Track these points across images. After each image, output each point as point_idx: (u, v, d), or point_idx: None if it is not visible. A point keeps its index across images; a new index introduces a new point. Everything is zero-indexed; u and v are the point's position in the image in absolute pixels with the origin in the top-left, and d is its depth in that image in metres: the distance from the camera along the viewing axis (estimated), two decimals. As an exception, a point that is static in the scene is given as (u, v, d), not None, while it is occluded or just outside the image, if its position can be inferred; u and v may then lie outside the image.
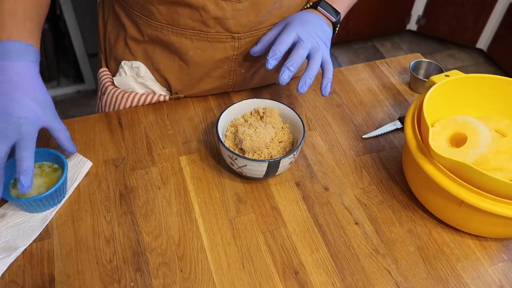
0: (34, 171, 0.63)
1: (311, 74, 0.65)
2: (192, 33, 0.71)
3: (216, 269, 0.59)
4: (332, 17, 0.73)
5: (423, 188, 0.64)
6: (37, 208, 0.62)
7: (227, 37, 0.72)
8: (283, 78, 0.64)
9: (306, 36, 0.67)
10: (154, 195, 0.66)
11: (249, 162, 0.63)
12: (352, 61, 2.39)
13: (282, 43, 0.66)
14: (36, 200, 0.60)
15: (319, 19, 0.72)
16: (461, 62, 2.42)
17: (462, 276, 0.60)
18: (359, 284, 0.58)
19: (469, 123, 0.61)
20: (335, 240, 0.63)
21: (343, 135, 0.78)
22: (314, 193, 0.68)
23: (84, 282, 0.57)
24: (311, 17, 0.71)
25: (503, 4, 2.20)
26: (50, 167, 0.65)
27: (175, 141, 0.74)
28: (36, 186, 0.63)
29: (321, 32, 0.70)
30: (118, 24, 0.77)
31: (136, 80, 0.79)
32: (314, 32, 0.68)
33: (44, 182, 0.63)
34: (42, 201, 0.61)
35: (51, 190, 0.60)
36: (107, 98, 0.81)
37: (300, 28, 0.68)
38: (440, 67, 0.87)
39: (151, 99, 0.80)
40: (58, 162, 0.65)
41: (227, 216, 0.65)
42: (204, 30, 0.70)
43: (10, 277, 0.57)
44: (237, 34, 0.72)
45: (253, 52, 0.72)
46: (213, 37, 0.71)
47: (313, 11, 0.73)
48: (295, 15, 0.72)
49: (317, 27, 0.70)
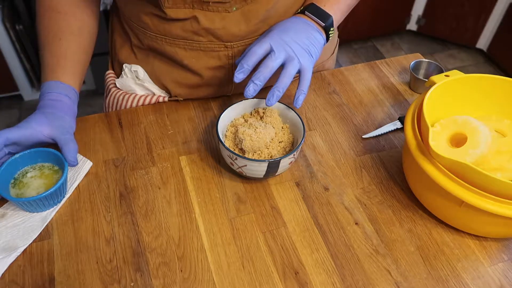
0: (34, 172, 0.64)
1: (280, 86, 0.63)
2: (185, 42, 0.71)
3: (216, 269, 0.59)
4: (320, 22, 0.69)
5: (423, 188, 0.64)
6: (37, 208, 0.62)
7: (219, 46, 0.72)
8: (249, 92, 0.62)
9: (279, 47, 0.63)
10: (154, 195, 0.66)
11: (249, 162, 0.63)
12: (352, 61, 2.39)
13: (252, 56, 0.63)
14: (36, 200, 0.60)
15: (307, 25, 0.67)
16: (461, 62, 2.42)
17: (462, 276, 0.60)
18: (359, 284, 0.58)
19: (469, 123, 0.61)
20: (335, 240, 0.63)
21: (343, 135, 0.78)
22: (314, 193, 0.68)
23: (84, 282, 0.57)
24: (296, 23, 0.67)
25: (503, 4, 2.20)
26: (50, 169, 0.65)
27: (175, 141, 0.74)
28: (35, 187, 0.63)
29: (305, 39, 0.66)
30: (123, 32, 0.79)
31: (136, 82, 0.80)
32: (293, 40, 0.64)
33: (44, 183, 0.63)
34: (42, 201, 0.61)
35: (50, 191, 0.60)
36: (110, 99, 0.83)
37: (277, 37, 0.64)
38: (440, 67, 0.87)
39: (150, 100, 0.81)
40: (58, 163, 0.65)
41: (227, 216, 0.65)
42: (196, 40, 0.71)
43: (10, 277, 0.57)
44: (229, 43, 0.72)
45: (237, 62, 0.69)
46: (206, 46, 0.72)
47: (302, 16, 0.69)
48: (279, 23, 0.68)
49: (300, 34, 0.66)
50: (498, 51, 2.33)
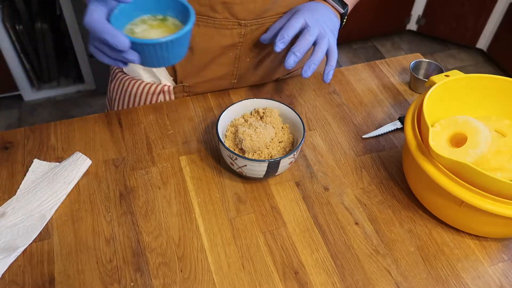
0: (154, 23, 0.57)
1: (316, 60, 0.66)
2: (199, 18, 0.72)
3: (216, 269, 0.59)
4: (340, 8, 0.74)
5: (423, 188, 0.64)
6: (156, 59, 0.54)
7: (233, 23, 0.73)
8: (289, 63, 0.66)
9: (314, 23, 0.68)
10: (154, 195, 0.66)
11: (249, 162, 0.63)
12: (352, 61, 2.39)
13: (290, 28, 0.67)
14: (161, 43, 0.51)
15: (327, 9, 0.73)
16: (461, 62, 2.42)
17: (462, 276, 0.60)
18: (359, 284, 0.58)
19: (469, 123, 0.61)
20: (335, 240, 0.63)
21: (343, 135, 0.78)
22: (314, 193, 0.68)
23: (84, 282, 0.57)
24: (319, 6, 0.72)
25: (503, 4, 2.20)
26: (175, 24, 0.57)
27: (175, 141, 0.74)
28: (154, 36, 0.55)
29: (329, 21, 0.71)
30: None
31: (144, 67, 0.80)
32: (322, 20, 0.70)
33: (163, 33, 0.55)
34: (165, 47, 0.53)
35: (177, 35, 0.52)
36: (115, 83, 0.83)
37: (309, 15, 0.69)
38: (440, 67, 0.87)
39: (156, 88, 0.81)
40: (184, 15, 0.56)
41: (227, 216, 0.65)
42: (211, 16, 0.71)
43: (10, 277, 0.57)
44: (244, 21, 0.73)
45: (263, 39, 0.73)
46: (220, 24, 0.72)
47: (321, 1, 0.74)
48: (303, 4, 0.73)
49: (325, 16, 0.71)
50: (498, 51, 2.33)
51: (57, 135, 0.74)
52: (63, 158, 0.70)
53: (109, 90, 0.86)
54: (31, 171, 0.67)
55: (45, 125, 0.75)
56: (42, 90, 2.07)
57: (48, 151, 0.71)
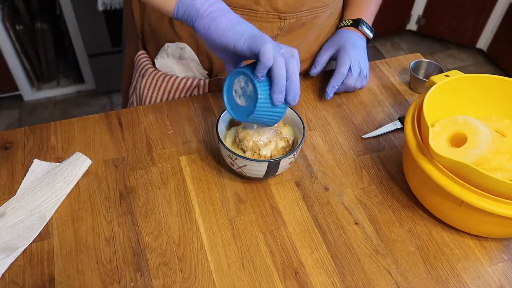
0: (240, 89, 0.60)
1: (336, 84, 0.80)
2: (242, 11, 0.73)
3: (216, 269, 0.59)
4: (370, 35, 0.84)
5: (423, 188, 0.64)
6: (272, 115, 0.58)
7: (274, 17, 0.74)
8: (330, 95, 0.80)
9: (355, 65, 0.79)
10: (154, 195, 0.66)
11: (249, 162, 0.63)
12: (352, 61, 2.39)
13: (340, 77, 0.78)
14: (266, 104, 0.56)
15: (361, 39, 0.82)
16: (461, 62, 2.42)
17: (462, 276, 0.60)
18: (359, 284, 0.58)
19: (469, 123, 0.61)
20: (335, 240, 0.63)
21: (343, 135, 0.78)
22: (314, 193, 0.68)
23: (84, 282, 0.57)
24: (357, 41, 0.82)
25: (503, 4, 2.20)
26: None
27: (175, 141, 0.74)
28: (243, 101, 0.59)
29: (364, 55, 0.81)
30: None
31: (178, 62, 0.80)
32: (361, 57, 0.80)
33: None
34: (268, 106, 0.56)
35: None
36: (147, 80, 0.83)
37: (353, 54, 0.79)
38: (440, 67, 0.87)
39: (191, 83, 0.82)
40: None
41: (227, 216, 0.65)
42: (254, 9, 0.73)
43: (10, 277, 0.57)
44: (284, 14, 0.75)
45: (312, 73, 0.83)
46: (262, 17, 0.74)
47: (354, 30, 0.83)
48: (345, 38, 0.82)
49: (362, 50, 0.81)
50: (498, 51, 2.33)
51: (57, 135, 0.74)
52: (63, 158, 0.70)
53: (139, 87, 0.85)
54: (31, 171, 0.67)
55: (45, 125, 0.75)
56: (42, 90, 2.07)
57: (48, 151, 0.71)
